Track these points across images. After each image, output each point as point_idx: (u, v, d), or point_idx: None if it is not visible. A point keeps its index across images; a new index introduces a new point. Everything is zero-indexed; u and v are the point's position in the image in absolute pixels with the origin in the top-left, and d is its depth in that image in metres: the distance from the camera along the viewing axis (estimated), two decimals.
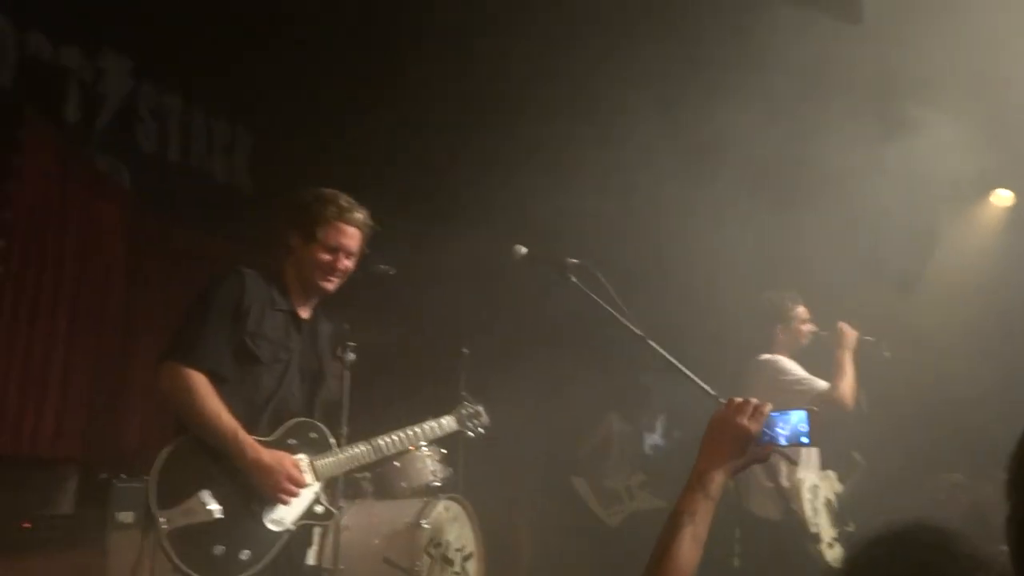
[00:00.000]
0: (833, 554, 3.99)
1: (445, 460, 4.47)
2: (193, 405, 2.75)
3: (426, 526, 3.94)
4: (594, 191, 4.93)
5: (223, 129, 5.94)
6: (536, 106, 5.10)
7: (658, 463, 6.52)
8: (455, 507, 4.33)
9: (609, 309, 2.96)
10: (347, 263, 3.07)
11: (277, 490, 2.80)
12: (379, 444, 3.19)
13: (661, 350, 2.98)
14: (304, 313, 3.10)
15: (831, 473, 4.48)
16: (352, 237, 3.07)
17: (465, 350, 4.45)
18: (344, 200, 3.08)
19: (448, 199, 5.78)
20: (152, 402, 4.72)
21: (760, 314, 4.53)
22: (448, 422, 3.59)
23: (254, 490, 2.80)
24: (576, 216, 4.78)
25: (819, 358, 4.47)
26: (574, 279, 2.97)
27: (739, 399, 1.86)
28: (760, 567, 3.15)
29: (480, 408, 3.72)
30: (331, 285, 3.07)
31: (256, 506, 2.80)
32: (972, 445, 4.55)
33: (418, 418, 3.52)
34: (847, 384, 4.17)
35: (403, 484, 4.32)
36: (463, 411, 3.68)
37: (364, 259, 3.23)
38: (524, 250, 3.06)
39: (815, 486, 4.27)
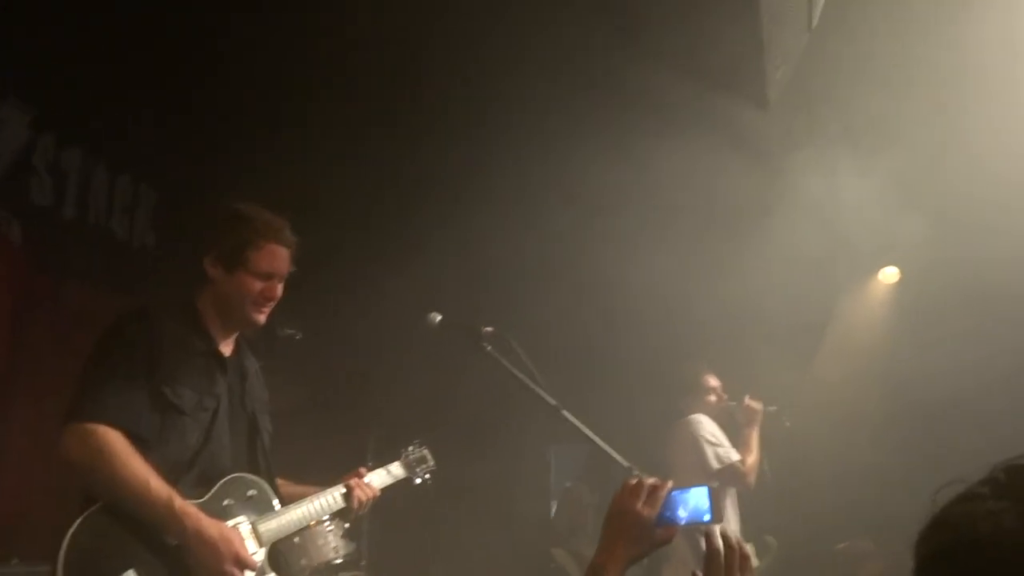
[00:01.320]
0: None
1: (348, 535, 4.28)
2: (113, 469, 2.28)
3: None
4: (510, 255, 4.95)
5: (125, 186, 5.72)
6: (447, 165, 5.11)
7: None
8: None
9: (523, 378, 2.94)
10: (279, 289, 2.69)
11: (219, 573, 2.35)
12: (328, 499, 2.83)
13: (575, 420, 2.96)
14: (227, 350, 2.71)
15: (750, 547, 4.51)
16: (284, 259, 2.67)
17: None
18: (270, 216, 2.68)
19: (362, 261, 5.70)
20: (30, 475, 4.38)
21: (672, 383, 4.63)
22: (396, 468, 3.18)
23: (191, 568, 2.36)
24: (492, 280, 4.79)
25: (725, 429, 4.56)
26: (488, 347, 2.93)
27: (634, 481, 1.76)
28: None
29: (426, 452, 3.29)
30: (264, 317, 2.68)
31: None
32: (874, 511, 4.67)
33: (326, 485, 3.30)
34: (753, 461, 4.30)
35: (303, 562, 4.08)
36: (409, 456, 3.26)
37: (268, 324, 3.01)
38: (439, 318, 3.00)
39: None
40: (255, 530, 2.57)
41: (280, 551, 4.01)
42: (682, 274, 4.96)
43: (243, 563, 2.41)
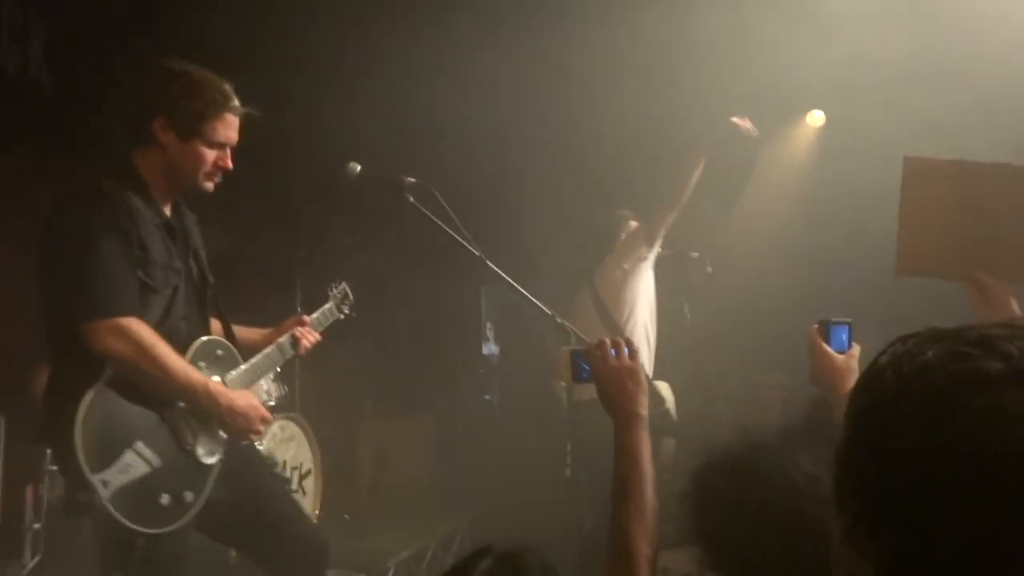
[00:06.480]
0: None
1: (280, 379, 4.33)
2: (155, 364, 2.40)
3: (260, 448, 3.86)
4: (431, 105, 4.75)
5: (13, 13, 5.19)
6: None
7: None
8: (292, 427, 4.25)
9: (446, 228, 2.93)
10: (231, 159, 2.64)
11: (250, 433, 2.67)
12: (283, 344, 2.93)
13: (499, 271, 2.98)
14: (167, 212, 2.67)
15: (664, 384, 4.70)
16: (236, 129, 2.63)
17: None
18: (223, 84, 2.60)
19: (279, 107, 5.38)
20: None
21: (598, 231, 4.59)
22: (329, 309, 3.29)
23: (183, 429, 2.52)
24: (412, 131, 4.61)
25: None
26: (411, 199, 2.89)
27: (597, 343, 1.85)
28: (591, 474, 3.30)
29: (345, 286, 3.39)
30: (213, 185, 2.63)
31: (187, 444, 2.53)
32: (786, 350, 4.87)
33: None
34: None
35: None
36: (336, 294, 3.36)
37: None
38: (358, 168, 2.92)
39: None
40: (225, 385, 2.69)
41: None
42: (615, 121, 4.86)
43: (267, 419, 2.71)
